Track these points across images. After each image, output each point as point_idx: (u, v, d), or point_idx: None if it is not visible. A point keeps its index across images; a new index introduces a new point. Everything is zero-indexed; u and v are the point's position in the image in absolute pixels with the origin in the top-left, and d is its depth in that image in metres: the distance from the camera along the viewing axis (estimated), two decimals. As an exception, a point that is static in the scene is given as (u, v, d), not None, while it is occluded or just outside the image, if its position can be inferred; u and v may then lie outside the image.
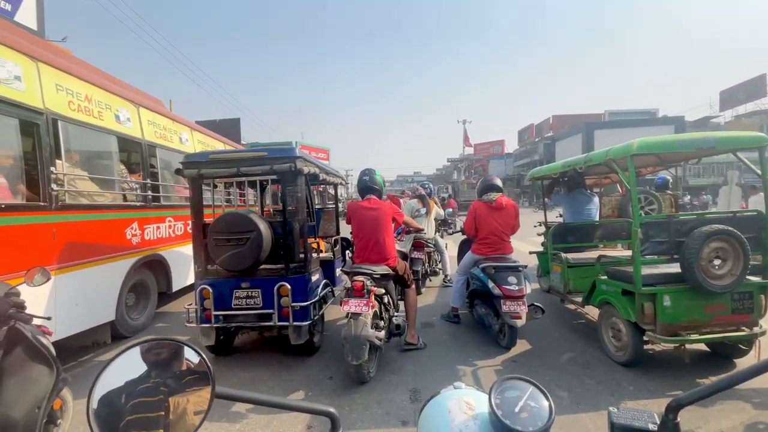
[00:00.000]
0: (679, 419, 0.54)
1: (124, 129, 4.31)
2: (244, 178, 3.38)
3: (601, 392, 2.74)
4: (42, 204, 3.16)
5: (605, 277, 3.34)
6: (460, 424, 0.70)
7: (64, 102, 3.49)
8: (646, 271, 2.96)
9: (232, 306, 3.22)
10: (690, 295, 2.82)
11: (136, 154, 4.77)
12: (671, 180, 5.85)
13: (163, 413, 0.53)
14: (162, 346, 0.54)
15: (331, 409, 0.59)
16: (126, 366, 0.51)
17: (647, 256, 3.06)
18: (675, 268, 2.96)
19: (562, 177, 4.87)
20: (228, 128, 17.20)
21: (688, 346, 2.89)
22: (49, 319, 2.18)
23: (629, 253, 3.15)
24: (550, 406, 0.65)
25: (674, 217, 3.11)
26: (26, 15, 8.65)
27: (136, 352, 0.52)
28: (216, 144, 6.79)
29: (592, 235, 4.59)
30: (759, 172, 2.99)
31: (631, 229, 2.93)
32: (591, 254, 4.25)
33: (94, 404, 0.48)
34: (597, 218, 4.89)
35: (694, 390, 0.54)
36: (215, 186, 3.91)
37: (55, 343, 3.11)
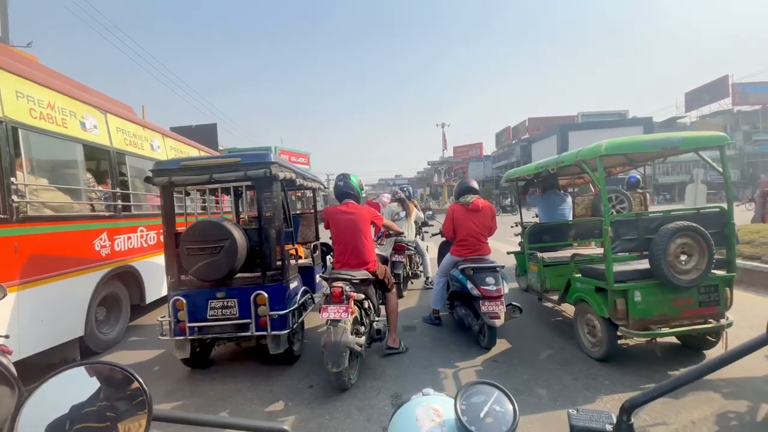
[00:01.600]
0: (633, 420, 0.55)
1: (91, 136, 4.15)
2: (217, 185, 3.30)
3: (579, 388, 2.80)
4: (2, 216, 3.00)
5: (579, 275, 3.42)
6: (427, 432, 0.69)
7: (25, 110, 3.33)
8: (617, 267, 3.05)
9: (208, 317, 3.13)
10: (659, 290, 2.92)
11: (104, 162, 4.60)
12: (641, 179, 6.08)
13: None
14: (97, 370, 0.51)
15: (285, 427, 0.57)
16: (61, 392, 0.47)
17: (618, 254, 3.15)
18: (644, 264, 3.06)
19: (536, 178, 4.98)
20: (204, 134, 16.80)
21: (659, 339, 2.99)
22: (7, 337, 2.06)
23: (602, 250, 3.23)
24: (514, 409, 0.65)
25: (643, 214, 3.22)
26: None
27: (72, 374, 0.49)
28: (190, 150, 6.63)
29: (567, 234, 4.71)
30: (720, 169, 3.14)
31: (603, 228, 3.02)
32: (566, 253, 4.36)
33: (23, 428, 0.44)
34: (570, 217, 5.02)
35: (647, 390, 0.55)
36: (188, 194, 3.81)
37: (19, 362, 2.97)
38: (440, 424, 0.69)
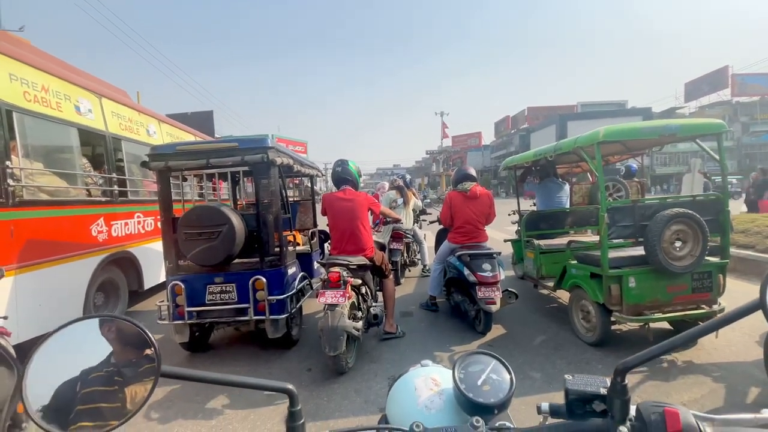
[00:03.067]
0: (626, 382, 0.56)
1: (86, 121, 4.10)
2: (214, 170, 3.29)
3: (572, 371, 2.82)
4: (-3, 200, 2.99)
5: (575, 261, 3.45)
6: (426, 400, 0.71)
7: (19, 92, 3.29)
8: (612, 254, 3.08)
9: (206, 301, 3.14)
10: (653, 276, 2.96)
11: (100, 147, 4.56)
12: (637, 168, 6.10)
13: (119, 404, 0.51)
14: (109, 323, 0.51)
15: (289, 386, 0.58)
16: (72, 347, 0.48)
17: (614, 240, 3.18)
18: (639, 250, 3.09)
19: (534, 166, 4.98)
20: (200, 121, 16.62)
21: (651, 324, 3.04)
22: (5, 318, 2.07)
23: (598, 238, 3.26)
24: (511, 378, 0.67)
25: (639, 202, 3.24)
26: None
27: (80, 328, 0.49)
28: (186, 136, 6.57)
29: (563, 222, 4.74)
30: (717, 157, 3.15)
31: (599, 215, 3.04)
32: (562, 240, 4.39)
33: (31, 388, 0.45)
34: (568, 205, 5.04)
35: (639, 353, 0.56)
36: (185, 179, 3.79)
37: (18, 346, 2.98)
38: (438, 392, 0.71)
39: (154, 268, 5.00)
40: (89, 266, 3.89)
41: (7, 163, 3.08)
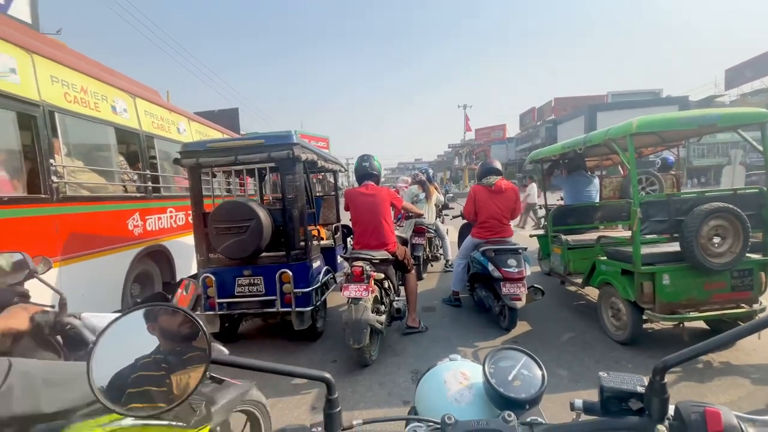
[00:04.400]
0: (666, 380, 0.55)
1: (122, 120, 4.29)
2: (242, 167, 3.38)
3: (600, 370, 2.76)
4: (43, 196, 3.18)
5: (605, 257, 3.35)
6: (455, 394, 0.72)
7: (59, 94, 3.46)
8: (645, 250, 2.96)
9: (235, 293, 3.26)
10: (689, 274, 2.83)
11: (134, 145, 4.76)
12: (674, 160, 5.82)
13: (165, 389, 0.55)
14: (163, 312, 0.54)
15: (327, 375, 0.60)
16: (128, 334, 0.52)
17: (647, 236, 3.06)
18: (674, 246, 2.96)
19: (562, 159, 4.84)
20: (227, 119, 17.05)
21: (686, 324, 2.92)
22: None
23: (629, 233, 3.15)
24: (542, 374, 0.67)
25: (674, 195, 3.10)
26: (20, 8, 8.50)
27: (137, 317, 0.53)
28: (214, 134, 6.76)
29: (593, 217, 4.59)
30: (761, 149, 2.97)
31: (631, 209, 2.93)
32: (591, 236, 4.26)
33: (96, 368, 0.49)
34: (597, 200, 4.88)
35: (680, 351, 0.55)
36: (214, 175, 3.91)
37: (62, 333, 3.19)
38: (468, 386, 0.72)
39: (185, 261, 5.20)
40: (126, 258, 4.09)
41: (51, 161, 3.27)
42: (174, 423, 1.19)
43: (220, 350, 1.24)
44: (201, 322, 0.54)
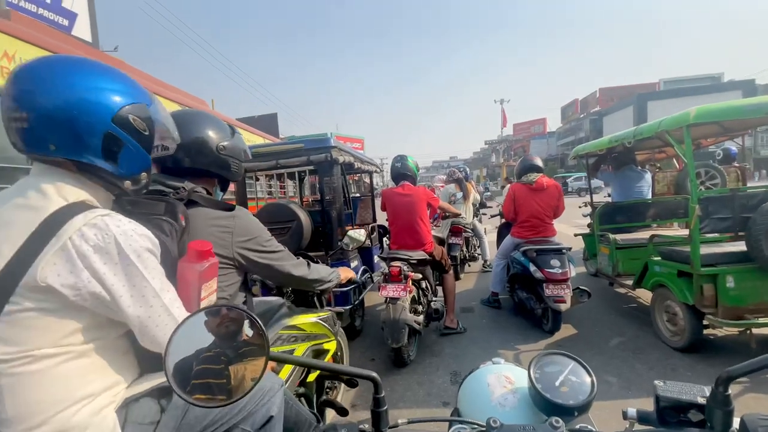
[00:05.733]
0: (729, 391, 0.52)
1: (174, 129, 4.60)
2: (283, 170, 3.50)
3: (654, 377, 2.59)
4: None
5: (658, 258, 3.14)
6: (500, 397, 0.71)
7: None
8: (704, 250, 2.74)
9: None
10: (758, 275, 2.59)
11: (184, 152, 5.08)
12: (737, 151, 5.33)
13: (225, 380, 0.59)
14: (222, 313, 0.59)
15: (374, 374, 0.62)
16: (192, 331, 0.56)
17: (707, 235, 2.83)
18: (740, 246, 2.72)
19: (609, 153, 4.58)
20: (266, 123, 17.71)
21: (755, 330, 2.67)
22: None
23: (686, 232, 2.92)
24: (592, 381, 0.65)
25: (739, 190, 2.84)
26: (81, 28, 9.35)
27: (201, 317, 0.58)
28: (256, 139, 7.07)
29: (644, 214, 4.31)
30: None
31: (689, 206, 2.72)
32: (642, 234, 4.00)
33: (170, 363, 0.54)
34: (649, 196, 4.57)
35: (748, 361, 0.51)
36: (257, 179, 4.09)
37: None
38: (512, 390, 0.71)
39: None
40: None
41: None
42: (329, 328, 1.83)
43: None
44: (257, 319, 0.57)
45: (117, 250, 0.79)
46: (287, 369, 1.42)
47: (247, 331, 0.58)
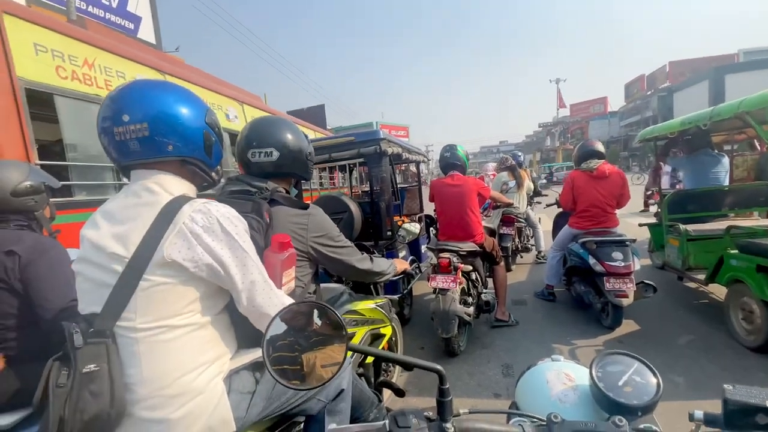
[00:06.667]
0: None
1: (233, 126, 4.91)
2: (335, 163, 3.63)
3: (726, 379, 2.40)
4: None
5: (736, 251, 2.86)
6: (559, 394, 0.73)
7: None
8: None
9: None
10: None
11: (242, 148, 5.45)
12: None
13: (298, 367, 0.67)
14: (305, 308, 0.67)
15: (438, 366, 0.67)
16: (278, 322, 0.65)
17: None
18: None
19: (681, 136, 4.18)
20: (314, 115, 18.20)
21: None
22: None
23: (771, 222, 2.63)
24: (657, 382, 0.65)
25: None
26: (146, 31, 10.13)
27: (291, 310, 0.67)
28: (306, 132, 7.32)
29: (720, 203, 3.91)
30: None
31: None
32: (717, 225, 3.65)
33: (267, 347, 0.64)
34: (726, 182, 4.13)
35: None
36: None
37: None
38: (573, 387, 0.73)
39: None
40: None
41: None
42: (386, 314, 2.01)
43: None
44: (336, 312, 0.65)
45: (220, 229, 0.96)
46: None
47: (318, 321, 0.66)
